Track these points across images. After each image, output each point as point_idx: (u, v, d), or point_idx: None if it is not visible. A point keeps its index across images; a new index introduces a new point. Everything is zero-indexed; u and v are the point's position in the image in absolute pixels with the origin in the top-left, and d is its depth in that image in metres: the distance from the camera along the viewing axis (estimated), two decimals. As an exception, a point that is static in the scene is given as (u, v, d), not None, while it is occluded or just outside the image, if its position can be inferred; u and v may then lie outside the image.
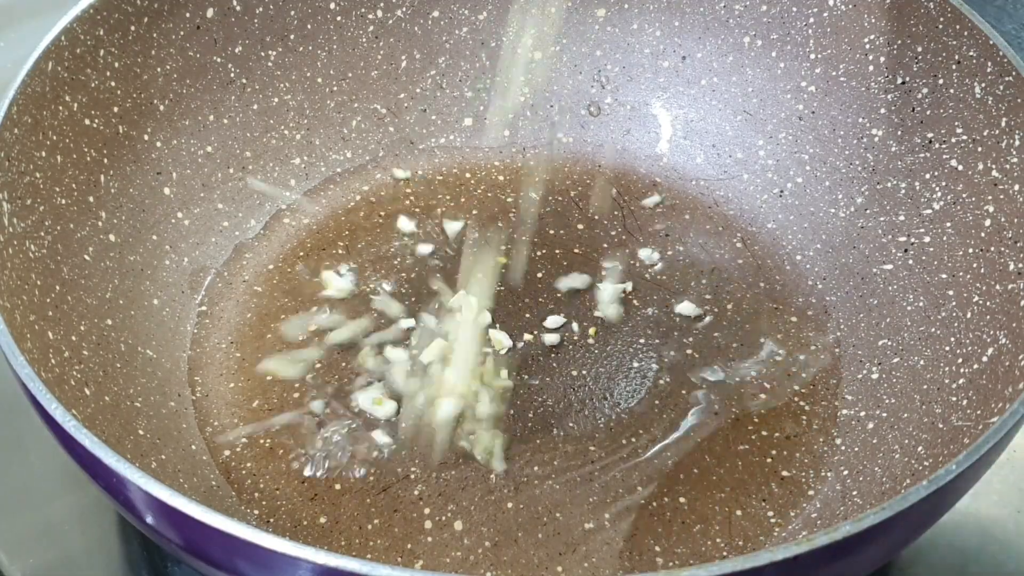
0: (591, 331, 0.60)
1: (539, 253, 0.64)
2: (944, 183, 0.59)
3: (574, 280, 0.62)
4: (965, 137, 0.58)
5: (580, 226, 0.66)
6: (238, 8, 0.64)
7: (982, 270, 0.55)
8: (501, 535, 0.52)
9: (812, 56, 0.65)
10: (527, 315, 0.61)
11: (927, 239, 0.59)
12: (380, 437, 0.55)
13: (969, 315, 0.55)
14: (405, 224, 0.65)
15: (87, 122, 0.57)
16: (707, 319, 0.61)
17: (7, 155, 0.51)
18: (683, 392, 0.57)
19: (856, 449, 0.55)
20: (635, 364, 0.59)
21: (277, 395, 0.57)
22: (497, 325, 0.60)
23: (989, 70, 0.57)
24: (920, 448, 0.51)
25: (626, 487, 0.53)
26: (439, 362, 0.57)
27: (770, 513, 0.53)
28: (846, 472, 0.54)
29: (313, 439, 0.55)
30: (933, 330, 0.56)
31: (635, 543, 0.52)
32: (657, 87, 0.70)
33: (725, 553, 0.51)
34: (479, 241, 0.64)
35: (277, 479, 0.54)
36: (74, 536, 0.54)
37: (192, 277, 0.61)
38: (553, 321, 0.60)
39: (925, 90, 0.60)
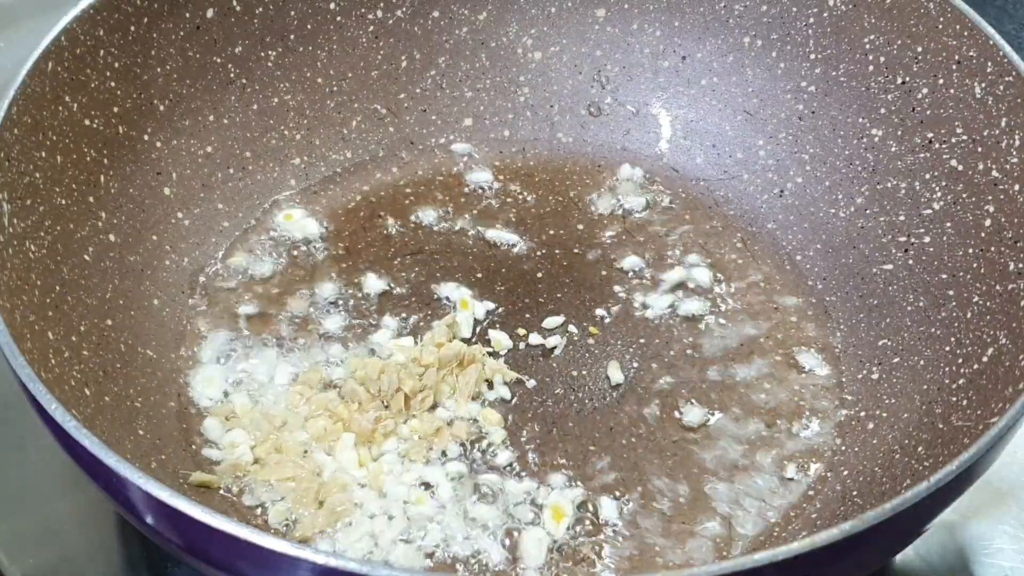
0: (591, 331, 0.60)
1: (539, 254, 0.64)
2: (944, 183, 0.59)
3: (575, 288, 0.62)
4: (965, 137, 0.58)
5: (580, 226, 0.66)
6: (238, 8, 0.64)
7: (982, 270, 0.55)
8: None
9: (812, 56, 0.65)
10: (527, 315, 0.61)
11: (927, 239, 0.59)
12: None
13: (969, 315, 0.55)
14: (405, 224, 0.65)
15: (87, 122, 0.57)
16: (707, 319, 0.61)
17: (7, 155, 0.51)
18: (683, 392, 0.57)
19: (856, 449, 0.55)
20: (635, 364, 0.59)
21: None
22: (497, 326, 0.60)
23: (989, 70, 0.57)
24: (920, 448, 0.51)
25: (626, 487, 0.53)
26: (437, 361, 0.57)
27: (770, 513, 0.53)
28: (846, 472, 0.54)
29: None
30: (933, 330, 0.56)
31: (635, 542, 0.52)
32: (657, 87, 0.70)
33: (725, 553, 0.51)
34: (479, 241, 0.64)
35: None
36: (74, 536, 0.54)
37: (192, 277, 0.61)
38: (552, 321, 0.60)
39: (925, 90, 0.60)
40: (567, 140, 0.70)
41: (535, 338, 0.59)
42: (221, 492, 0.52)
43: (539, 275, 0.63)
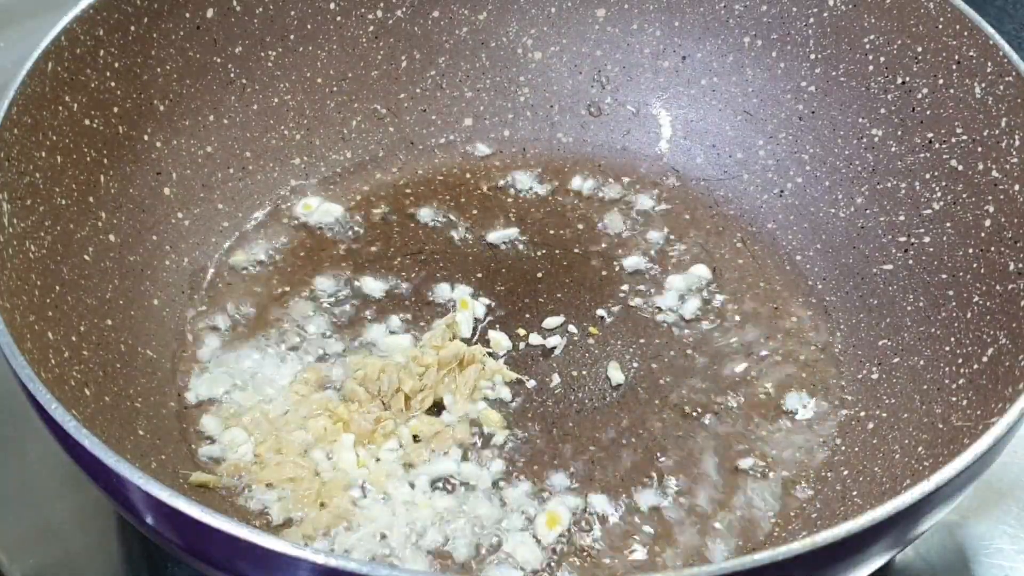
0: (591, 331, 0.60)
1: (539, 253, 0.64)
2: (944, 183, 0.59)
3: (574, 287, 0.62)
4: (965, 137, 0.58)
5: (580, 226, 0.66)
6: (238, 8, 0.64)
7: (982, 270, 0.55)
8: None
9: (812, 56, 0.65)
10: (527, 315, 0.61)
11: (927, 239, 0.59)
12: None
13: (969, 315, 0.55)
14: (405, 224, 0.65)
15: (87, 122, 0.57)
16: (707, 319, 0.61)
17: (7, 155, 0.51)
18: (683, 392, 0.57)
19: (856, 449, 0.55)
20: (635, 364, 0.59)
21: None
22: (497, 326, 0.60)
23: (989, 70, 0.57)
24: (920, 448, 0.51)
25: (626, 487, 0.53)
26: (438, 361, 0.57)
27: (770, 513, 0.53)
28: (846, 472, 0.54)
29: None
30: (933, 330, 0.56)
31: (633, 543, 0.51)
32: (657, 87, 0.70)
33: (725, 553, 0.51)
34: (479, 241, 0.64)
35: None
36: (74, 536, 0.54)
37: (192, 277, 0.61)
38: (552, 321, 0.60)
39: (925, 90, 0.60)
40: (567, 140, 0.70)
41: (535, 338, 0.59)
42: (221, 492, 0.52)
43: (539, 275, 0.63)
